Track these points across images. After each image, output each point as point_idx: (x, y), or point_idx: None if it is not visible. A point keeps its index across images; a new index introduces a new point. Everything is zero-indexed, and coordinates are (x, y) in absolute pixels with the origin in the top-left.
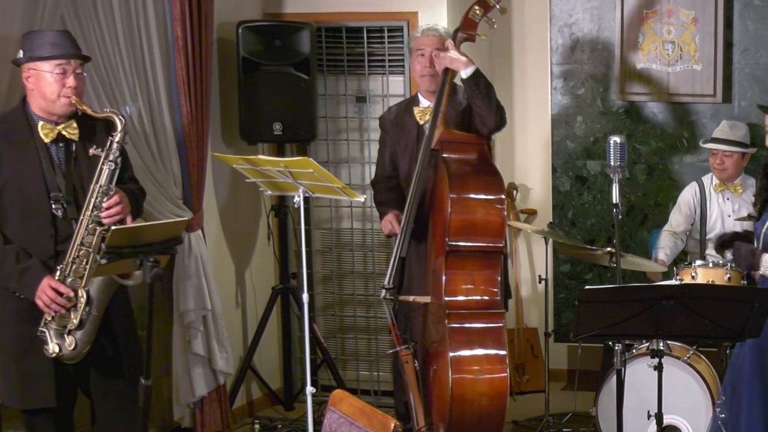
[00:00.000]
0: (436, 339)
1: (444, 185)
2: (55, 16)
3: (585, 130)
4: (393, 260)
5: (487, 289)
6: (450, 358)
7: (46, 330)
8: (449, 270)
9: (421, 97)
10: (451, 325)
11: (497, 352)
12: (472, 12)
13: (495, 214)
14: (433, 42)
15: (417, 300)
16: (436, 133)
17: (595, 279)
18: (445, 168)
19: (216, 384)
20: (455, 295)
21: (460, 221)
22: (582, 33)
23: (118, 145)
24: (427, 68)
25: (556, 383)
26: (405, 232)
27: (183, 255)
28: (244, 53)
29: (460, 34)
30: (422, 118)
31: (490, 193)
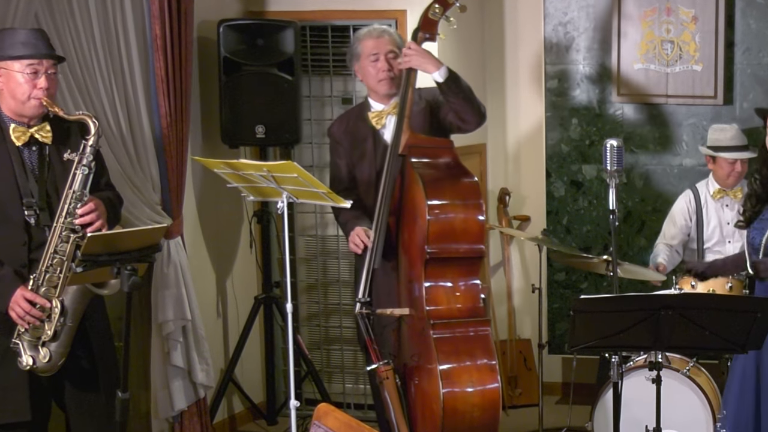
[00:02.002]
0: (416, 352)
1: (417, 191)
2: (28, 13)
3: (580, 133)
4: (366, 272)
5: (469, 295)
6: (439, 371)
7: (20, 342)
8: (429, 278)
9: (373, 101)
10: (436, 336)
11: (487, 361)
12: (432, 11)
13: (473, 217)
14: (385, 43)
15: (395, 312)
16: (402, 138)
17: (590, 288)
18: (416, 174)
19: (196, 397)
20: (437, 305)
21: (439, 227)
22: (577, 32)
23: (92, 149)
24: (385, 71)
25: (550, 397)
26: (377, 241)
27: (162, 263)
28: (226, 53)
29: (421, 34)
30: (378, 123)
31: (468, 196)
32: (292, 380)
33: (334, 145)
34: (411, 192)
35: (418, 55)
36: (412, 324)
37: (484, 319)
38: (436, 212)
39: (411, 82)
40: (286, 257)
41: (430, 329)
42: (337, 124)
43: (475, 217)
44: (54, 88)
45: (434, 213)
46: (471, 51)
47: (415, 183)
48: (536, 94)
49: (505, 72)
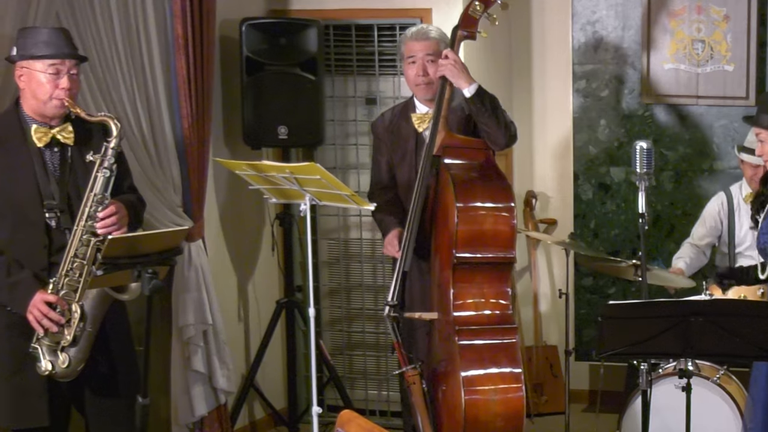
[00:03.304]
0: (444, 357)
1: (448, 194)
2: (49, 13)
3: (609, 135)
4: (396, 275)
5: (497, 302)
6: (462, 377)
7: (39, 346)
8: (457, 284)
9: (418, 103)
10: (461, 342)
11: (511, 369)
12: (472, 8)
13: (504, 222)
14: (424, 47)
15: (423, 317)
16: (438, 138)
17: (618, 293)
18: (448, 175)
19: (217, 403)
20: (464, 311)
21: (468, 232)
22: (606, 31)
23: (113, 151)
24: (420, 77)
25: (577, 405)
26: (408, 244)
27: (183, 266)
28: (248, 52)
29: (460, 32)
30: (421, 126)
31: (499, 200)
32: (314, 386)
33: (377, 142)
34: (443, 194)
35: (453, 66)
36: (440, 329)
37: (511, 326)
38: (466, 216)
39: (449, 84)
40: (309, 261)
41: (455, 335)
42: (381, 121)
43: (507, 222)
44: (76, 89)
45: (463, 216)
46: (498, 51)
47: (447, 185)
48: (564, 95)
49: (532, 72)
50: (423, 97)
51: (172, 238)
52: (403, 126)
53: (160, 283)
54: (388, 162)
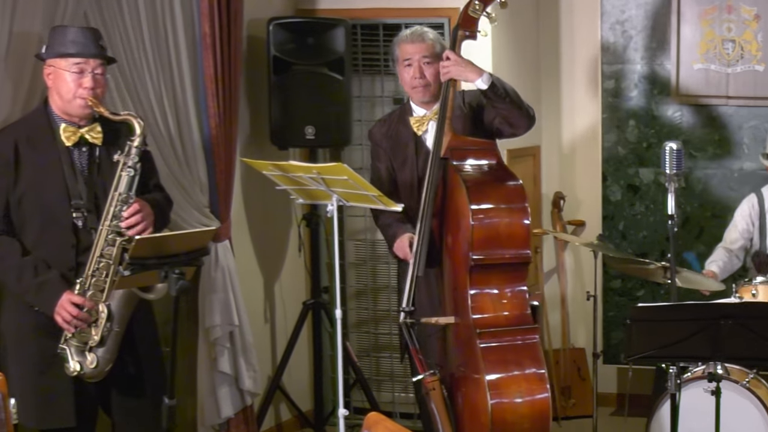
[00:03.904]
0: (462, 362)
1: (460, 196)
2: (77, 12)
3: (637, 136)
4: (410, 281)
5: (516, 303)
6: (486, 381)
7: (67, 347)
8: (474, 286)
9: (415, 106)
10: (483, 345)
11: (536, 370)
12: (472, 8)
13: (519, 221)
14: (420, 49)
15: (440, 321)
16: (444, 141)
17: (647, 296)
18: (459, 177)
19: (243, 405)
20: (483, 313)
21: (484, 233)
22: (635, 30)
23: (137, 150)
24: (417, 79)
25: (605, 408)
26: (420, 249)
27: (209, 267)
28: (275, 52)
29: (461, 32)
30: (419, 128)
31: (513, 199)
32: (340, 388)
33: (375, 149)
34: (454, 196)
35: (456, 66)
36: (458, 333)
37: (531, 326)
38: (480, 217)
39: (452, 85)
40: (336, 262)
41: (476, 338)
42: (378, 127)
43: (521, 221)
44: (100, 89)
45: (478, 218)
46: (525, 50)
47: (458, 187)
48: (592, 95)
49: (561, 72)
50: (420, 99)
51: (199, 239)
52: (401, 131)
53: (187, 284)
54: (387, 168)
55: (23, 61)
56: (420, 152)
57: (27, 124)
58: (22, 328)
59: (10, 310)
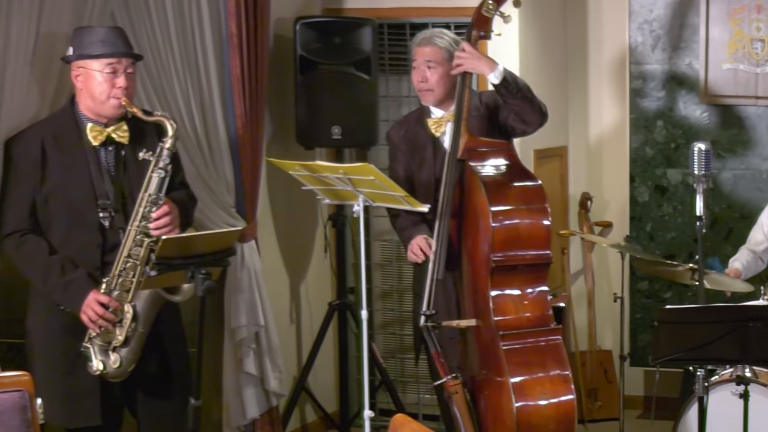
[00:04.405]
0: (484, 365)
1: (479, 197)
2: (104, 12)
3: (665, 136)
4: (429, 284)
5: (538, 303)
6: (511, 384)
7: (90, 346)
8: (495, 287)
9: (433, 107)
10: (506, 348)
11: (559, 371)
12: (485, 7)
13: (540, 222)
14: (425, 53)
15: (461, 324)
16: (461, 142)
17: (674, 298)
18: (477, 178)
19: (268, 406)
20: (505, 314)
21: (505, 234)
22: (663, 30)
23: (168, 152)
24: (420, 83)
25: (632, 411)
26: (440, 251)
27: (235, 267)
28: (302, 51)
29: (475, 32)
30: (437, 130)
31: (533, 200)
32: (366, 389)
33: (393, 150)
34: (473, 198)
35: (470, 58)
36: (479, 335)
37: (554, 327)
38: (501, 218)
39: (467, 84)
40: (362, 262)
41: (499, 340)
42: (396, 129)
43: (541, 221)
44: (132, 88)
45: (499, 219)
46: (553, 50)
47: (476, 188)
48: (620, 95)
49: (588, 72)
50: (424, 102)
51: (226, 239)
52: (419, 132)
53: (214, 284)
54: (406, 170)
55: (50, 61)
56: (438, 154)
57: (53, 123)
58: (48, 327)
59: (37, 309)
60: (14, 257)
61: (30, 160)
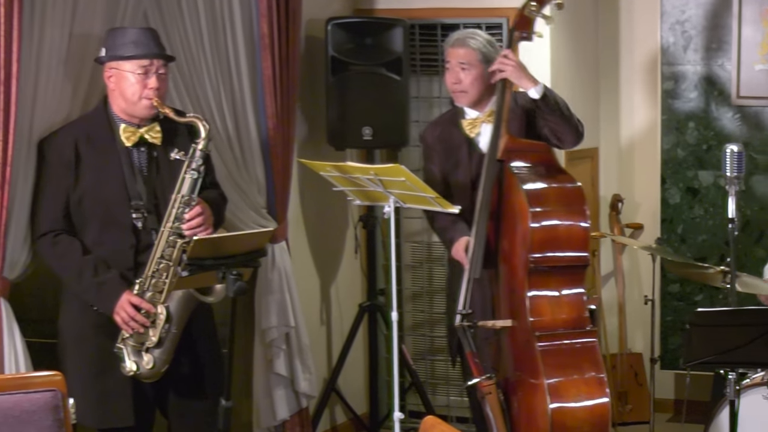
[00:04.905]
0: (519, 366)
1: (518, 198)
2: (137, 12)
3: (697, 138)
4: (466, 283)
5: (574, 305)
6: (546, 385)
7: (124, 347)
8: (532, 288)
9: (467, 108)
10: (542, 349)
11: (595, 374)
12: (528, 9)
13: (578, 223)
14: (459, 55)
15: (497, 324)
16: (501, 143)
17: (705, 300)
18: (516, 179)
19: (298, 407)
20: (541, 315)
21: (543, 235)
22: (696, 31)
23: (201, 153)
24: (453, 84)
25: (662, 414)
26: (477, 250)
27: (266, 268)
28: (333, 52)
29: (516, 33)
30: (472, 131)
31: (572, 201)
32: (396, 391)
33: (428, 151)
34: (511, 198)
35: (514, 69)
36: (514, 336)
37: (590, 329)
38: (540, 219)
39: (508, 86)
40: (393, 264)
41: (534, 341)
42: (430, 130)
43: (580, 223)
44: (164, 89)
45: (537, 220)
46: (585, 51)
47: (515, 189)
48: (651, 97)
49: (619, 73)
50: (458, 104)
51: (257, 240)
52: (453, 133)
53: (245, 285)
54: (441, 171)
55: (82, 62)
56: (473, 154)
57: (86, 123)
58: (81, 327)
59: (70, 309)
60: (48, 257)
61: (63, 161)
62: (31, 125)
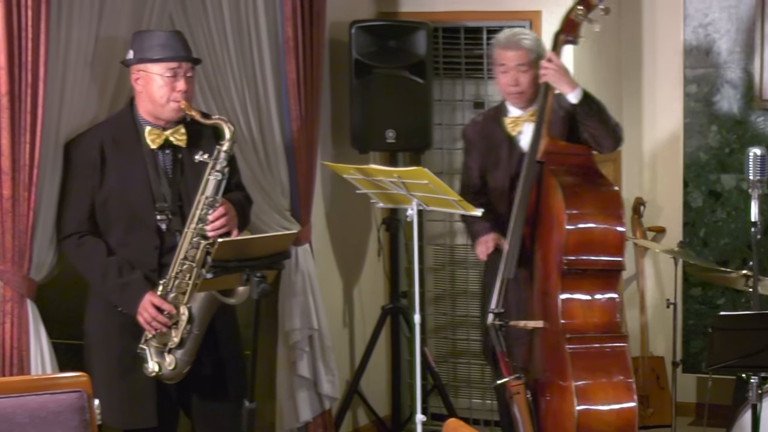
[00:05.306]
0: (548, 367)
1: (556, 200)
2: (163, 15)
3: (720, 141)
4: (500, 282)
5: (607, 310)
6: (574, 387)
7: (147, 347)
8: (565, 291)
9: (511, 107)
10: (571, 351)
11: (623, 378)
12: (575, 12)
13: (614, 228)
14: (516, 57)
15: (528, 325)
16: (541, 144)
17: (728, 304)
18: (556, 181)
19: (321, 409)
20: (572, 318)
21: (578, 237)
22: (718, 34)
23: (225, 155)
24: (512, 86)
25: (684, 418)
26: (512, 250)
27: (289, 270)
28: (357, 55)
29: (562, 37)
30: (514, 129)
31: (609, 206)
32: (418, 394)
33: (468, 147)
34: (549, 200)
35: (555, 72)
36: (545, 337)
37: (621, 334)
38: (576, 221)
39: (551, 89)
40: (415, 266)
41: (564, 343)
42: (472, 126)
43: (615, 228)
44: (191, 91)
45: (574, 222)
46: (607, 53)
47: (553, 191)
48: (674, 100)
49: (642, 76)
50: (514, 105)
51: (281, 242)
52: (495, 131)
53: (269, 287)
54: (480, 168)
55: (109, 64)
56: (513, 153)
57: (112, 125)
58: (106, 328)
59: (95, 310)
60: (73, 258)
61: (89, 163)
62: (58, 127)
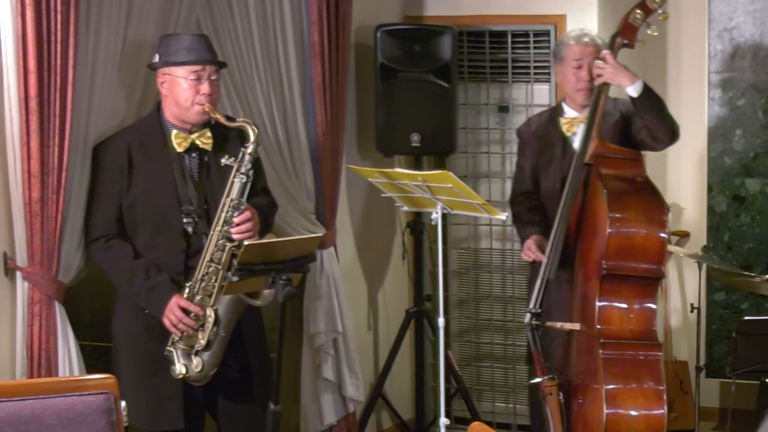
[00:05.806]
0: (582, 370)
1: (600, 203)
2: (190, 18)
3: (744, 145)
4: (540, 282)
5: (643, 317)
6: (604, 391)
7: (174, 350)
8: (603, 295)
9: (567, 107)
10: (605, 356)
11: (655, 386)
12: (633, 16)
13: (656, 236)
14: (591, 51)
15: (565, 327)
16: (590, 146)
17: (751, 309)
18: (601, 184)
19: (345, 412)
20: (609, 323)
21: (619, 243)
22: (743, 38)
23: (250, 157)
24: (586, 82)
25: (707, 423)
26: (554, 252)
27: (315, 273)
28: (382, 59)
29: (619, 40)
30: (569, 130)
31: (652, 213)
32: (442, 397)
33: (522, 146)
34: (593, 203)
35: (612, 70)
36: (581, 340)
37: (655, 343)
38: (618, 226)
39: (604, 91)
40: (439, 270)
41: (599, 348)
42: (527, 126)
43: (658, 235)
44: (216, 94)
45: (615, 226)
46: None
47: (598, 194)
48: (698, 103)
49: (667, 80)
50: (582, 102)
51: (307, 245)
52: (550, 131)
53: (294, 290)
54: (532, 167)
55: (136, 68)
56: (566, 154)
57: (139, 129)
58: (133, 330)
59: (123, 313)
60: (100, 261)
61: (117, 166)
62: (87, 130)
